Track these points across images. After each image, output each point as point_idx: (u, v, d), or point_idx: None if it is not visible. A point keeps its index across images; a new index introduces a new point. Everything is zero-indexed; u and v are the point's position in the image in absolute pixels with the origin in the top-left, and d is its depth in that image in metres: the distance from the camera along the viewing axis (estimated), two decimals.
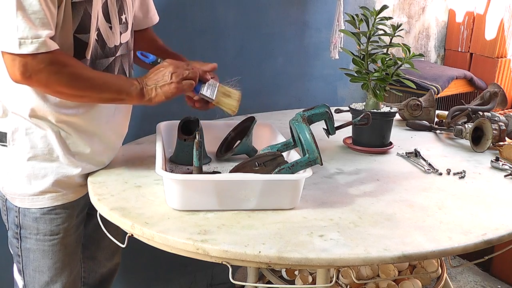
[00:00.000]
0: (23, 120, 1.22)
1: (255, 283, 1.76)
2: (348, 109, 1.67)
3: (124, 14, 1.31)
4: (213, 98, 1.33)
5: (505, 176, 1.46)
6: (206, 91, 1.32)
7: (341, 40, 2.16)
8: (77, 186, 1.31)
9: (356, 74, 1.62)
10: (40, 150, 1.24)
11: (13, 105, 1.21)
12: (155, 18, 1.53)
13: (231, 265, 1.03)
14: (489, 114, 1.83)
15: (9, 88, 1.19)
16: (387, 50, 1.59)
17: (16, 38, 1.04)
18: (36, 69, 1.08)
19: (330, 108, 1.31)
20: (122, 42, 1.32)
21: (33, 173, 1.25)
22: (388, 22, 1.57)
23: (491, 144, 1.65)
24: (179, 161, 1.43)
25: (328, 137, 1.34)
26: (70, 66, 1.13)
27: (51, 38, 1.09)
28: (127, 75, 1.38)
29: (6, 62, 1.09)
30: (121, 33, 1.30)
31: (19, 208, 1.28)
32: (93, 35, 1.20)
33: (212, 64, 1.38)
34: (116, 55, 1.30)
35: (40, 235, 1.29)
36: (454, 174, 1.45)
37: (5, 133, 1.24)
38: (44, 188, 1.26)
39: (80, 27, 1.17)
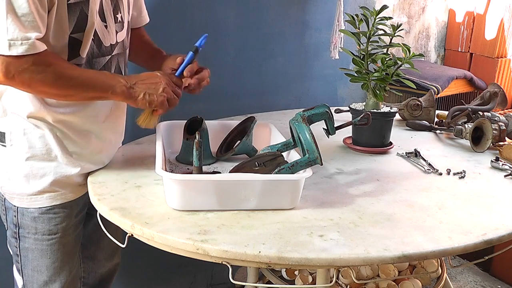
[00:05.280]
0: (21, 120, 1.22)
1: (255, 283, 1.76)
2: (348, 109, 1.67)
3: (120, 13, 1.31)
4: None
5: (505, 176, 1.45)
6: None
7: (341, 40, 2.16)
8: (76, 185, 1.31)
9: (356, 74, 1.62)
10: (39, 150, 1.23)
11: (12, 105, 1.21)
12: (146, 18, 1.53)
13: (231, 265, 1.03)
14: (489, 114, 1.83)
15: (8, 88, 1.19)
16: (387, 50, 1.59)
17: (5, 39, 1.04)
18: (20, 70, 1.08)
19: (330, 108, 1.31)
20: (118, 41, 1.32)
21: (31, 173, 1.25)
22: (388, 22, 1.57)
23: (491, 144, 1.65)
24: (184, 160, 1.43)
25: (328, 137, 1.33)
26: (54, 65, 1.12)
27: (42, 39, 1.09)
28: (123, 74, 1.38)
29: None
30: (117, 32, 1.31)
31: (17, 207, 1.28)
32: (89, 34, 1.19)
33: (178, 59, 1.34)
34: (113, 54, 1.30)
35: (38, 235, 1.29)
36: (454, 174, 1.45)
37: (4, 133, 1.24)
38: (42, 188, 1.26)
39: (76, 27, 1.17)
